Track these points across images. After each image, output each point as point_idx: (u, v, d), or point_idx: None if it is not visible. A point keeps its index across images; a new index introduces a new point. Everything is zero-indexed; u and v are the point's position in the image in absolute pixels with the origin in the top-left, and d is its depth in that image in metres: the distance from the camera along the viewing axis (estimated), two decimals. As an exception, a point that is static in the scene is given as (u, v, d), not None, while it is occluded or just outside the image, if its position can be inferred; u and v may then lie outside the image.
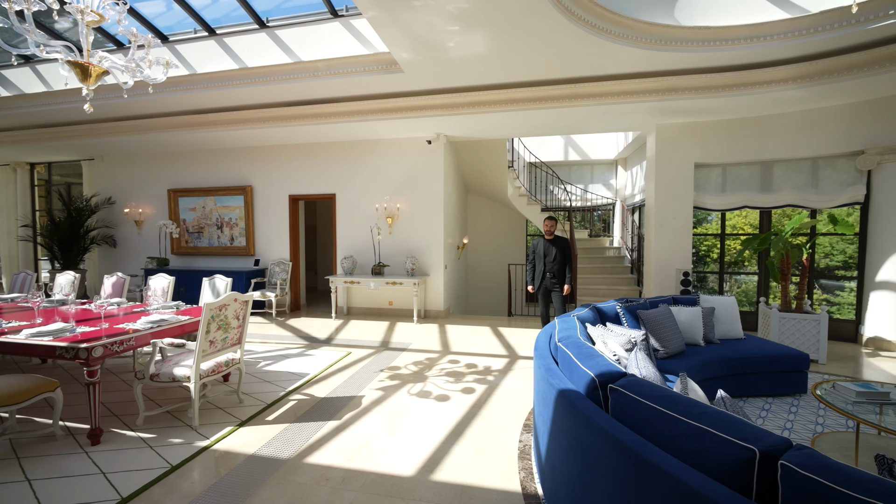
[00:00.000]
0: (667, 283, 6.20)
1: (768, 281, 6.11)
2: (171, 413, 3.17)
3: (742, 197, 5.96)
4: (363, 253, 7.07)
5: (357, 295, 7.22)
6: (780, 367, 3.49)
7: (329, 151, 7.22)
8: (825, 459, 1.08)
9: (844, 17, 3.95)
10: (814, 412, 3.23)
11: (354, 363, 4.47)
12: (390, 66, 4.82)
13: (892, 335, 4.97)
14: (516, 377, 4.04)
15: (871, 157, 5.07)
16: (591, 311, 3.34)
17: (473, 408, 3.33)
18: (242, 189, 7.55)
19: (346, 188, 7.17)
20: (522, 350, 4.97)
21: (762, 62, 4.63)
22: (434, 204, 6.84)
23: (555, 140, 9.74)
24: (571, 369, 2.04)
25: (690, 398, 1.47)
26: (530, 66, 4.70)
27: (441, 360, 4.59)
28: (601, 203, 9.72)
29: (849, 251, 7.14)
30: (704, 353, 3.49)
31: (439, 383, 3.85)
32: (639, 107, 5.41)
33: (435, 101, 5.53)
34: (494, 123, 6.11)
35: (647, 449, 1.35)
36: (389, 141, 6.97)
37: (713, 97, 5.04)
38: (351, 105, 5.79)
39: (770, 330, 4.70)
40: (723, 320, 3.94)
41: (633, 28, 4.20)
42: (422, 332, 5.91)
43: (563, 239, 5.07)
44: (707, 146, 6.02)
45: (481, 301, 10.11)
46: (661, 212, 6.20)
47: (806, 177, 5.61)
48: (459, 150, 7.79)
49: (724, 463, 1.21)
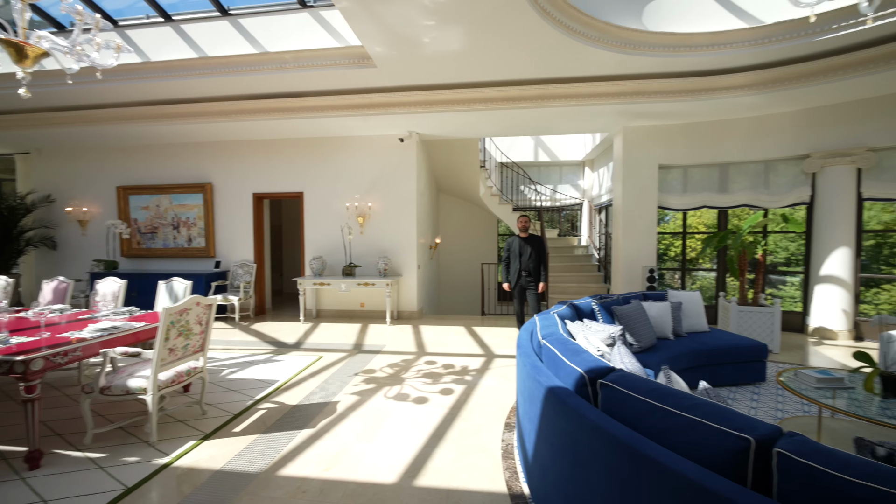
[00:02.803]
0: (633, 280, 6.42)
1: (725, 277, 6.46)
2: (125, 429, 2.90)
3: (702, 197, 6.27)
4: (333, 253, 6.85)
5: (327, 297, 6.98)
6: (742, 357, 3.67)
7: (297, 148, 6.95)
8: (818, 445, 1.10)
9: (795, 29, 4.23)
10: (773, 399, 3.41)
11: (326, 368, 4.30)
12: (363, 60, 4.69)
13: (834, 325, 5.38)
14: (494, 376, 4.02)
15: (816, 160, 5.47)
16: (569, 307, 3.38)
17: (453, 409, 3.27)
18: (202, 186, 7.12)
19: (315, 186, 6.92)
20: (498, 349, 4.97)
21: (721, 69, 4.88)
22: (407, 203, 6.74)
23: (525, 141, 9.88)
24: (557, 366, 2.02)
25: (680, 391, 1.48)
26: (505, 65, 4.72)
27: (417, 361, 4.50)
28: (570, 203, 9.96)
29: (791, 248, 7.68)
30: (675, 346, 3.61)
31: (417, 385, 3.77)
32: (607, 109, 5.56)
33: (408, 97, 5.44)
34: (468, 122, 6.10)
35: (641, 443, 1.34)
36: (361, 138, 6.80)
37: (676, 101, 5.27)
38: (321, 100, 5.59)
39: (730, 322, 4.96)
40: (689, 314, 4.10)
41: (605, 31, 4.30)
42: (395, 333, 5.79)
43: (537, 237, 5.12)
44: (670, 149, 6.29)
45: (454, 301, 10.09)
46: (627, 211, 6.41)
47: (759, 178, 5.98)
48: (432, 149, 7.72)
49: (720, 453, 1.22)
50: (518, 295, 5.10)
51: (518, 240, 5.09)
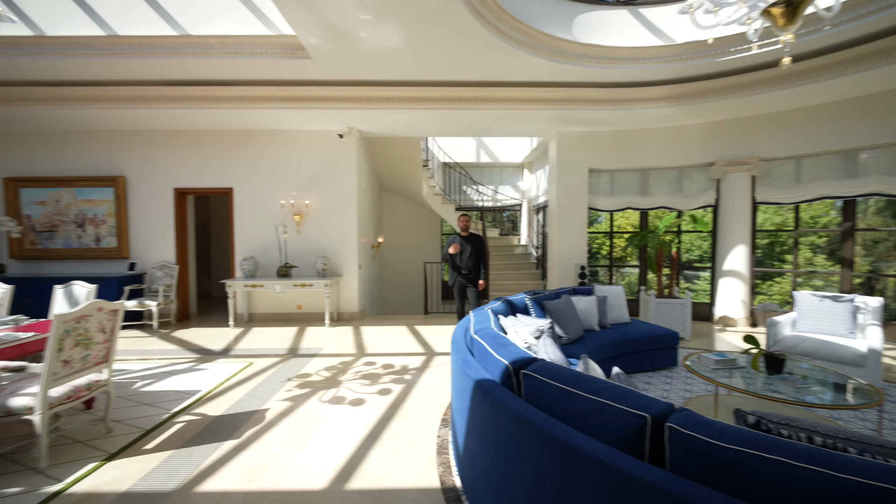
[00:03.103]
0: (567, 277, 6.79)
1: (646, 272, 7.05)
2: (8, 456, 2.51)
3: (626, 199, 6.79)
4: (267, 253, 6.48)
5: (260, 300, 6.59)
6: (658, 344, 4.03)
7: (226, 140, 6.48)
8: (700, 418, 1.23)
9: (700, 50, 4.72)
10: (683, 382, 3.78)
11: (257, 374, 4.06)
12: (297, 50, 4.49)
13: (735, 314, 6.09)
14: (434, 374, 4.04)
15: (720, 168, 6.15)
16: (504, 303, 3.49)
17: (391, 409, 3.24)
18: (112, 180, 6.39)
19: (247, 182, 6.51)
20: (439, 347, 5.00)
21: (641, 81, 5.31)
22: (347, 201, 6.56)
23: (467, 142, 10.06)
24: (487, 359, 2.08)
25: (593, 376, 1.58)
26: (445, 65, 4.76)
27: (356, 363, 4.40)
28: (510, 204, 10.30)
29: (704, 247, 8.56)
30: (600, 337, 3.87)
31: (354, 387, 3.68)
32: (542, 114, 5.83)
33: (347, 92, 5.30)
34: (409, 121, 6.08)
35: (556, 427, 1.41)
36: (297, 132, 6.50)
37: (603, 109, 5.65)
38: (251, 90, 5.26)
39: (649, 314, 5.42)
40: (613, 307, 4.42)
41: (538, 39, 4.49)
42: (335, 335, 5.61)
43: (477, 236, 5.23)
44: (599, 154, 6.73)
45: (398, 300, 10.01)
46: (561, 212, 6.77)
47: (674, 183, 6.60)
48: (374, 147, 7.59)
49: (622, 431, 1.32)
50: (459, 293, 5.18)
51: (458, 238, 5.16)
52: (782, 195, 5.81)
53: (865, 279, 6.69)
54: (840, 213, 5.66)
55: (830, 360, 3.54)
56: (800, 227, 6.26)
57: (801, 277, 6.69)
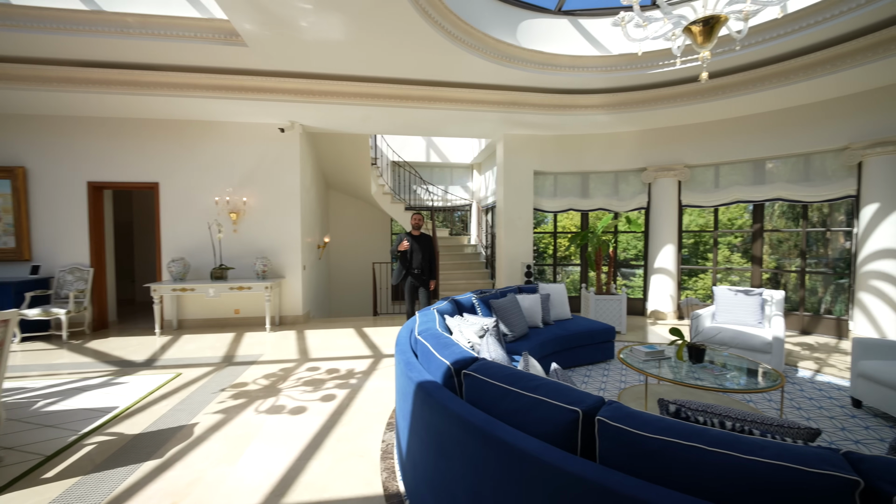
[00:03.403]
0: (514, 276, 6.97)
1: (587, 270, 7.42)
2: None
3: (568, 201, 7.10)
4: (199, 254, 6.00)
5: (192, 305, 6.09)
6: (596, 339, 4.24)
7: (151, 130, 5.91)
8: (627, 409, 1.29)
9: (632, 62, 5.04)
10: (619, 373, 4.01)
11: (186, 386, 3.73)
12: (230, 36, 4.18)
13: (664, 308, 6.58)
14: (380, 377, 3.95)
15: (651, 172, 6.62)
16: (450, 303, 3.48)
17: (334, 415, 3.11)
18: (10, 171, 5.58)
19: (175, 177, 5.98)
20: (387, 349, 4.91)
21: (581, 89, 5.57)
22: (290, 199, 6.25)
23: (417, 141, 10.00)
24: (429, 360, 2.05)
25: (531, 374, 1.61)
26: (391, 62, 4.67)
27: (298, 368, 4.19)
28: (460, 204, 10.39)
29: (639, 246, 9.18)
30: (543, 334, 4.00)
31: (295, 395, 3.50)
32: (489, 116, 5.93)
33: (288, 84, 5.04)
34: (355, 117, 5.91)
35: (494, 426, 1.42)
36: (234, 125, 6.08)
37: (547, 114, 5.86)
38: (180, 76, 4.84)
39: (590, 310, 5.71)
40: (556, 304, 4.59)
41: (483, 41, 4.55)
42: (276, 340, 5.32)
43: (427, 236, 5.19)
44: (544, 157, 6.98)
45: (346, 302, 9.73)
46: (508, 212, 6.93)
47: (611, 186, 7.01)
48: (319, 143, 7.31)
49: (557, 426, 1.35)
50: (410, 293, 5.11)
51: (409, 237, 5.10)
52: (704, 199, 6.37)
53: (772, 275, 7.54)
54: (751, 215, 6.32)
55: (743, 348, 3.93)
56: (719, 228, 6.90)
57: (720, 274, 7.39)
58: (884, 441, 2.68)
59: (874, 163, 4.92)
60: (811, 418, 3.00)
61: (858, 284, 5.07)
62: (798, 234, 5.87)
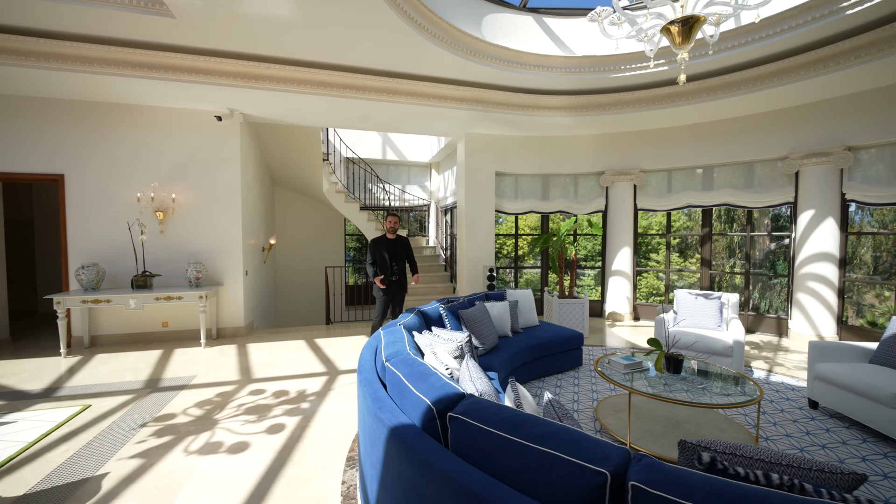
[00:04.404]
0: (475, 279, 6.76)
1: (547, 273, 7.40)
2: None
3: (529, 203, 7.02)
4: (117, 260, 5.15)
5: (108, 318, 5.22)
6: (566, 346, 4.11)
7: (54, 113, 4.97)
8: (662, 468, 1.05)
9: (597, 64, 4.99)
10: (589, 381, 3.91)
11: (95, 422, 3.08)
12: (153, 4, 3.54)
13: (622, 309, 6.70)
14: (337, 398, 3.53)
15: (609, 176, 6.70)
16: (417, 316, 3.16)
17: (283, 451, 2.67)
18: None
19: (85, 168, 5.08)
20: (344, 363, 4.47)
21: (545, 90, 5.46)
22: (228, 196, 5.56)
23: (372, 137, 9.51)
24: (403, 395, 1.72)
25: (533, 417, 1.34)
26: (346, 47, 4.24)
27: (239, 392, 3.65)
28: (418, 204, 10.04)
29: (588, 246, 9.32)
30: (514, 344, 3.78)
31: (235, 426, 2.99)
32: (452, 113, 5.65)
33: (226, 66, 4.42)
34: (305, 108, 5.37)
35: (495, 492, 1.13)
36: (160, 110, 5.29)
37: (510, 114, 5.69)
38: (90, 49, 4.06)
39: (553, 314, 5.63)
40: (524, 311, 4.42)
41: (448, 32, 4.26)
42: (213, 357, 4.67)
43: (404, 239, 4.79)
44: (505, 158, 6.84)
45: (295, 310, 9.03)
46: (470, 214, 6.71)
47: (571, 189, 7.02)
48: (264, 134, 6.63)
49: (577, 492, 1.09)
50: (385, 301, 4.64)
51: (386, 241, 4.66)
52: (658, 203, 6.55)
53: (710, 276, 7.97)
54: (691, 219, 6.60)
55: (705, 351, 3.98)
56: (657, 232, 7.16)
57: (661, 274, 7.68)
58: (846, 444, 2.74)
59: (809, 172, 5.26)
60: (777, 423, 3.04)
61: (796, 285, 5.41)
62: (732, 239, 6.18)
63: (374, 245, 4.61)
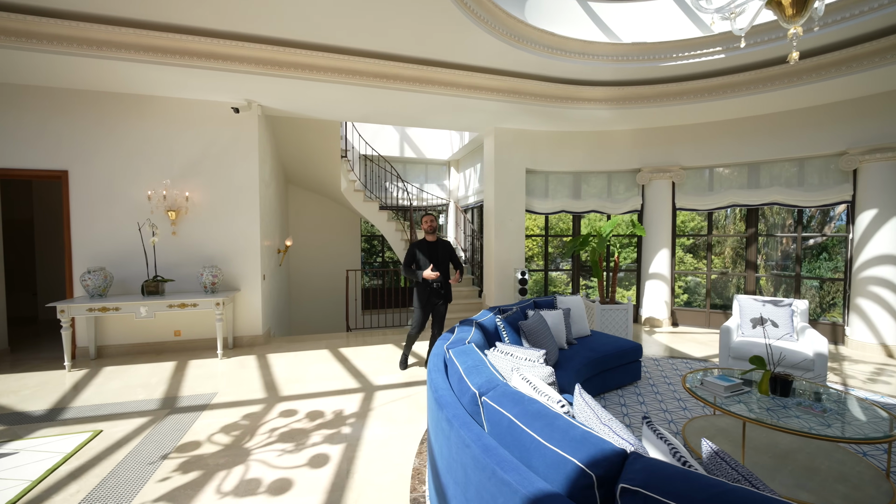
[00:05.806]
0: (505, 282, 6.38)
1: (578, 276, 7.02)
2: None
3: (560, 202, 6.64)
4: (126, 263, 4.75)
5: (116, 327, 4.81)
6: (626, 359, 3.72)
7: (57, 102, 4.56)
8: None
9: (646, 52, 4.61)
10: (654, 397, 3.52)
11: (108, 452, 2.67)
12: (171, -23, 3.14)
13: (660, 314, 6.32)
14: (380, 420, 3.14)
15: (646, 173, 6.32)
16: (477, 330, 2.77)
17: (333, 492, 2.27)
18: None
19: (91, 164, 4.68)
20: (377, 376, 4.07)
21: (586, 80, 5.08)
22: (245, 194, 5.16)
23: (390, 134, 9.10)
24: (524, 447, 1.33)
25: (740, 489, 0.95)
26: (379, 31, 3.85)
27: (269, 414, 3.25)
28: (436, 203, 9.64)
29: (617, 247, 8.95)
30: (573, 358, 3.39)
31: (271, 459, 2.59)
32: (484, 105, 5.26)
33: (247, 51, 4.03)
34: (328, 99, 4.98)
35: None
36: (172, 101, 4.89)
37: (546, 106, 5.30)
38: (94, 29, 3.66)
39: (595, 321, 5.24)
40: (576, 320, 4.03)
41: (493, 14, 3.88)
42: (232, 370, 4.27)
43: (446, 242, 4.35)
44: (536, 154, 6.45)
45: (309, 316, 8.62)
46: (499, 214, 6.33)
47: (604, 187, 6.64)
48: (279, 129, 6.23)
49: None
50: (425, 310, 4.19)
51: (426, 244, 4.22)
52: (699, 202, 6.17)
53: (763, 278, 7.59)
54: (708, 220, 6.20)
55: (781, 365, 3.59)
56: (679, 232, 6.79)
57: (684, 278, 7.29)
58: None
59: (872, 168, 4.89)
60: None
61: (855, 290, 5.04)
62: (770, 239, 5.80)
63: (414, 249, 4.20)
